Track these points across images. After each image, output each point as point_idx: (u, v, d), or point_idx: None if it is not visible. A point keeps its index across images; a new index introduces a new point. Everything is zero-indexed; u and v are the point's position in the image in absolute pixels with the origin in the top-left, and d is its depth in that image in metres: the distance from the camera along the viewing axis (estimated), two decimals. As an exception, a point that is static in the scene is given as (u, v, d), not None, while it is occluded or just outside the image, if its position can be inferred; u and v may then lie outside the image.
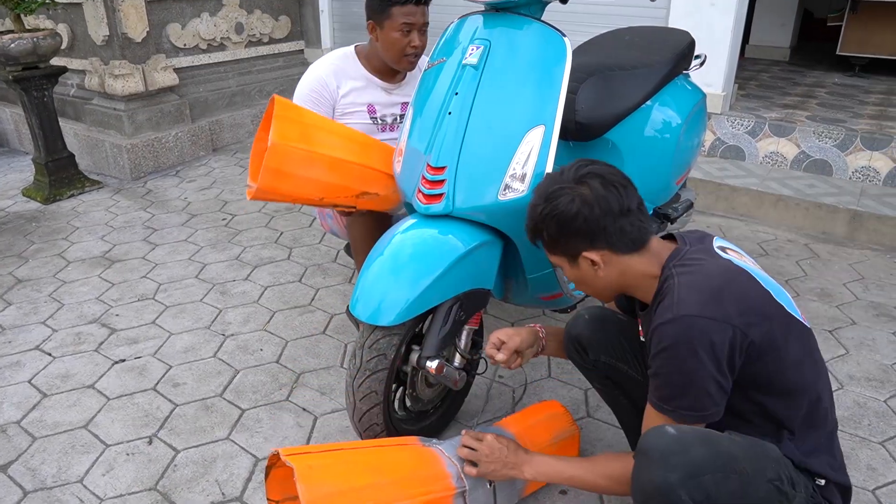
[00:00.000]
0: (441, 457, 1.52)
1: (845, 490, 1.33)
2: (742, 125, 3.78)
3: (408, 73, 2.26)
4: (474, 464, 1.48)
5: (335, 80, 2.17)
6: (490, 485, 1.55)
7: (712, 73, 3.71)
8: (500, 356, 1.60)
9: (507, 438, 1.52)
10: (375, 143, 1.99)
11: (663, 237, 1.42)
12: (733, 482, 1.15)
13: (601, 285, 1.37)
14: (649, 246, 1.33)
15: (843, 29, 5.00)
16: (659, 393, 1.26)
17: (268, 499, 1.51)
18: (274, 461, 1.46)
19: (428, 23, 2.09)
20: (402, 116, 2.27)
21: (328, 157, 1.78)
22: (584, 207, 1.27)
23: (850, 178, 3.54)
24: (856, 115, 3.89)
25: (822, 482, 1.28)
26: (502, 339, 1.61)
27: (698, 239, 1.35)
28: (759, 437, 1.25)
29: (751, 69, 5.32)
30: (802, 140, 3.63)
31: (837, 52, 5.06)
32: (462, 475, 1.49)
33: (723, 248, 1.33)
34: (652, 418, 1.28)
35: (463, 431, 1.55)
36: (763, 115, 3.84)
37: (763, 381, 1.24)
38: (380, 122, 2.24)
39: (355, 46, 2.25)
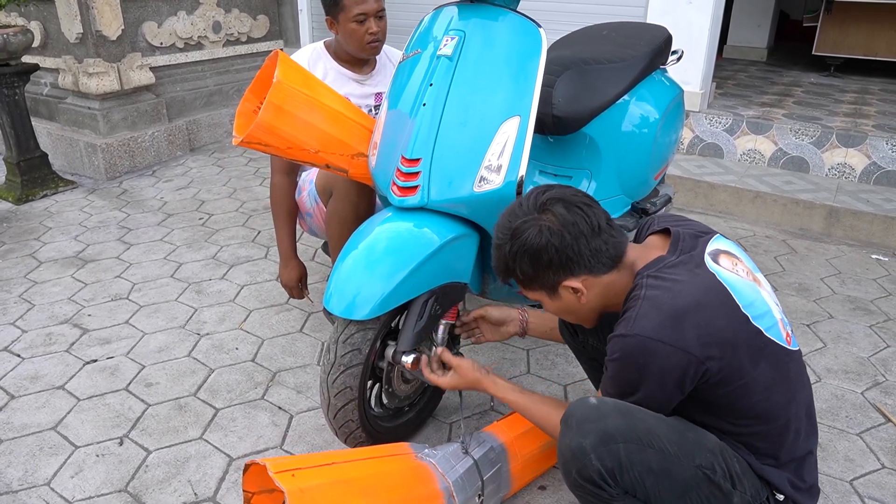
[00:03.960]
0: (434, 473, 1.51)
1: None
2: (720, 123, 3.80)
3: (378, 63, 2.28)
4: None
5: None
6: (479, 498, 1.55)
7: (690, 72, 3.72)
8: (463, 318, 1.70)
9: (469, 360, 1.58)
10: (366, 114, 2.00)
11: (660, 230, 1.37)
12: (650, 455, 1.16)
13: (584, 312, 1.34)
14: (626, 259, 1.29)
15: (818, 30, 5.06)
16: (607, 386, 1.29)
17: (243, 490, 1.48)
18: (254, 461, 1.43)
19: (383, 8, 2.11)
20: (376, 107, 2.28)
21: (329, 108, 1.77)
22: (553, 237, 1.22)
23: (827, 175, 3.57)
24: (831, 114, 3.93)
25: (782, 497, 1.26)
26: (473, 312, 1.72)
27: (691, 244, 1.28)
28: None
29: (729, 69, 5.36)
30: (780, 137, 3.66)
31: (813, 53, 5.12)
32: (453, 493, 1.49)
33: (716, 254, 1.26)
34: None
35: (437, 349, 1.63)
36: (741, 113, 3.86)
37: (723, 405, 1.23)
38: None
39: (324, 42, 2.26)
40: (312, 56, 2.23)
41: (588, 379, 1.88)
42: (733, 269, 1.25)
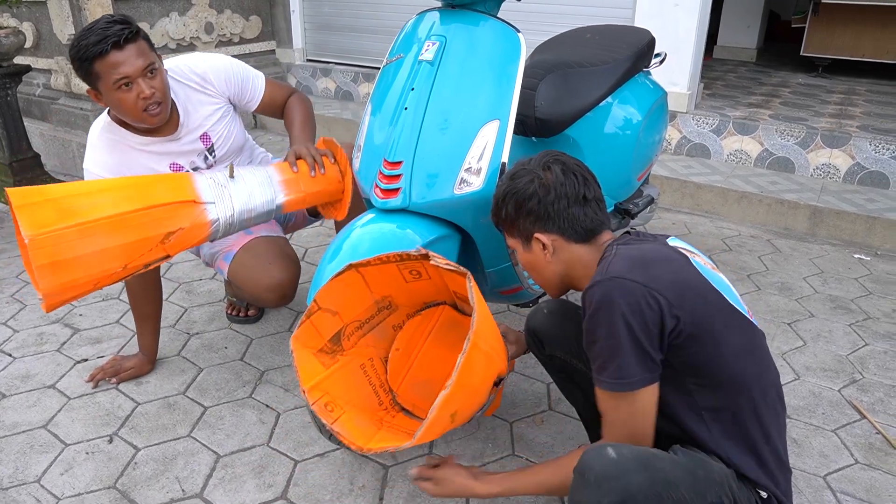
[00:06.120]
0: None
1: None
2: (707, 123, 3.84)
3: (179, 105, 1.91)
4: None
5: (118, 167, 1.90)
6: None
7: (677, 73, 3.77)
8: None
9: (459, 466, 1.44)
10: (154, 178, 1.72)
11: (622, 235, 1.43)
12: None
13: (548, 273, 1.41)
14: (599, 238, 1.36)
15: (806, 31, 5.11)
16: (595, 364, 1.24)
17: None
18: None
19: (152, 63, 1.73)
20: (209, 150, 2.03)
21: (106, 220, 1.50)
22: (541, 189, 1.34)
23: (812, 175, 3.62)
24: (817, 114, 3.97)
25: (766, 495, 1.26)
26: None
27: (653, 236, 1.37)
28: (691, 437, 1.25)
29: (718, 70, 5.40)
30: (766, 138, 3.70)
31: (801, 53, 5.17)
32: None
33: (675, 248, 1.32)
34: (598, 397, 1.26)
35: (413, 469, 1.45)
36: (728, 113, 3.90)
37: (698, 365, 1.22)
38: (192, 170, 2.02)
39: (108, 112, 1.90)
40: (110, 136, 1.89)
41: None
42: (693, 257, 1.31)
